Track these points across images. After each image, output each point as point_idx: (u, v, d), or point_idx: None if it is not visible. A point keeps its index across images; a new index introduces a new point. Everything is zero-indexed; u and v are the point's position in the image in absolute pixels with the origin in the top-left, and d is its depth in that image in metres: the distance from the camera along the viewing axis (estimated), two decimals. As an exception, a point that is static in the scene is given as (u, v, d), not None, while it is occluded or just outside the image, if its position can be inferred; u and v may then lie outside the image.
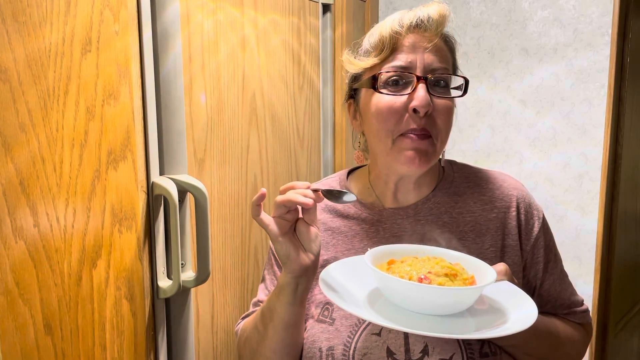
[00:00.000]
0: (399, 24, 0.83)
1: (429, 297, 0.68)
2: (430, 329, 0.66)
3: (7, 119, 0.71)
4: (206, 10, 1.09)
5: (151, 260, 0.95)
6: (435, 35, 0.83)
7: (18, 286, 0.74)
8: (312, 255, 0.79)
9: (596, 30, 1.71)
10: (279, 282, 0.82)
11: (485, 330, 0.67)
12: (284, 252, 0.78)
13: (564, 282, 0.93)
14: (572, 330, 0.91)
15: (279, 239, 0.77)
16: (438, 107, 0.82)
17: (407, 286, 0.68)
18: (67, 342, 0.82)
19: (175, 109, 0.97)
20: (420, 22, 0.83)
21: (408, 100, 0.81)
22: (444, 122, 0.83)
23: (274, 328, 0.84)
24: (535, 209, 0.91)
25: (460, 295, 0.69)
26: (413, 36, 0.83)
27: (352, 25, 1.62)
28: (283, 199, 0.76)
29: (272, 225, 0.77)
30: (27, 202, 0.74)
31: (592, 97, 1.74)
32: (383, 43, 0.83)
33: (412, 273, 0.71)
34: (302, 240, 0.79)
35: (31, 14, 0.73)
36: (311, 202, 0.75)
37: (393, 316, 0.69)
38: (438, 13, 0.83)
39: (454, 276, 0.70)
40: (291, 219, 0.78)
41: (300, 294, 0.81)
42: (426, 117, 0.81)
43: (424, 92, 0.80)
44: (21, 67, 0.72)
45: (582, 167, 1.78)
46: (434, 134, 0.82)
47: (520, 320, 0.68)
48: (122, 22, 0.86)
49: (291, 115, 1.41)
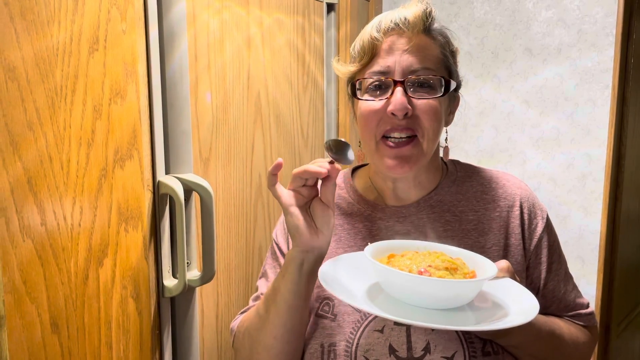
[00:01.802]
0: (376, 29, 0.83)
1: (429, 290, 0.67)
2: (430, 321, 0.65)
3: (15, 117, 0.71)
4: (212, 10, 1.09)
5: (157, 259, 0.95)
6: (415, 36, 0.82)
7: (25, 284, 0.74)
8: (322, 235, 0.78)
9: (600, 31, 1.71)
10: (286, 259, 0.81)
11: (486, 323, 0.67)
12: (294, 224, 0.77)
13: (568, 283, 0.92)
14: (576, 333, 0.90)
15: (290, 209, 0.77)
16: (420, 108, 0.81)
17: (407, 278, 0.68)
18: (74, 340, 0.82)
19: (181, 108, 0.97)
20: (396, 25, 0.83)
21: (386, 105, 0.81)
22: (428, 119, 0.82)
23: (277, 311, 0.82)
24: (539, 209, 0.91)
25: (460, 288, 0.68)
26: (391, 39, 0.83)
27: (356, 25, 1.62)
28: (299, 170, 0.76)
29: (286, 196, 0.77)
30: (34, 201, 0.74)
31: (596, 97, 1.74)
32: (363, 50, 0.84)
33: (412, 266, 0.70)
34: (316, 218, 0.78)
35: (39, 12, 0.73)
36: (324, 171, 0.75)
37: (393, 310, 0.68)
38: (413, 14, 0.82)
39: (455, 270, 0.70)
40: (307, 194, 0.78)
41: (305, 272, 0.79)
42: (408, 118, 0.81)
43: (400, 95, 0.80)
44: (29, 65, 0.72)
45: (585, 167, 1.78)
46: (420, 133, 0.82)
47: (521, 314, 0.67)
48: (129, 21, 0.86)
49: (295, 115, 1.41)
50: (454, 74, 0.87)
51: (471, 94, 1.90)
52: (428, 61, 0.83)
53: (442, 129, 0.87)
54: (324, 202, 0.78)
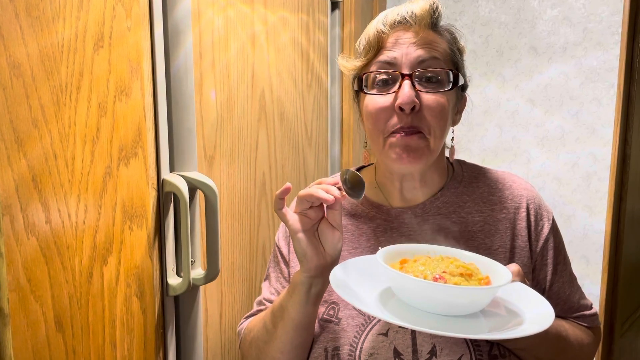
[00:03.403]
0: (382, 23, 0.82)
1: (446, 297, 0.66)
2: (445, 329, 0.64)
3: (20, 114, 0.70)
4: (217, 7, 1.09)
5: (161, 258, 0.95)
6: (422, 30, 0.81)
7: (30, 283, 0.73)
8: (329, 258, 0.77)
9: (606, 30, 1.70)
10: (293, 280, 0.81)
11: (500, 331, 0.66)
12: (301, 250, 0.76)
13: (573, 285, 0.92)
14: (581, 334, 0.90)
15: (297, 235, 0.76)
16: (427, 103, 0.80)
17: (423, 285, 0.66)
18: (78, 339, 0.81)
19: (186, 106, 0.97)
20: (403, 19, 0.82)
21: (394, 99, 0.80)
22: (435, 116, 0.81)
23: (284, 328, 0.82)
24: (545, 211, 0.90)
25: (477, 295, 0.67)
26: (397, 33, 0.82)
27: (360, 22, 1.62)
28: (305, 193, 0.74)
29: (293, 221, 0.76)
30: (39, 198, 0.74)
31: (601, 96, 1.73)
32: (369, 43, 0.83)
33: (427, 272, 0.69)
34: (324, 241, 0.77)
35: (44, 9, 0.73)
36: (332, 199, 0.72)
37: (406, 316, 0.67)
38: (421, 8, 0.81)
39: (469, 276, 0.69)
40: (314, 217, 0.76)
41: (313, 295, 0.79)
42: (414, 114, 0.80)
43: (408, 88, 0.79)
44: (34, 62, 0.72)
45: (590, 166, 1.77)
46: (425, 130, 0.81)
47: (536, 321, 0.66)
48: (134, 18, 0.85)
49: (299, 113, 1.41)
50: (462, 69, 0.87)
51: (475, 92, 1.90)
52: (436, 52, 0.81)
53: (449, 127, 0.86)
54: (332, 223, 0.77)
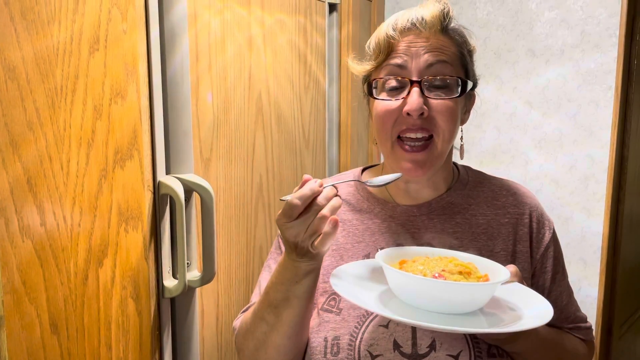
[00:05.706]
0: (392, 28, 0.83)
1: (445, 294, 0.67)
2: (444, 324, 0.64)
3: (15, 117, 0.71)
4: (213, 9, 1.09)
5: (157, 260, 0.95)
6: (432, 36, 0.82)
7: (25, 285, 0.74)
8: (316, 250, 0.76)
9: (604, 32, 1.70)
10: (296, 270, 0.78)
11: (501, 325, 0.67)
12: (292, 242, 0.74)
13: (570, 296, 0.94)
14: (577, 345, 0.92)
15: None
16: (436, 108, 0.81)
17: (423, 283, 0.67)
18: (73, 341, 0.81)
19: (182, 108, 0.97)
20: (413, 25, 0.82)
21: (402, 105, 0.81)
22: (445, 121, 0.82)
23: (292, 312, 0.80)
24: (547, 220, 0.92)
25: (477, 291, 0.68)
26: (408, 39, 0.82)
27: (358, 25, 1.62)
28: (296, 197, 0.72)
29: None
30: (34, 201, 0.74)
31: (598, 98, 1.73)
32: (379, 47, 0.84)
33: (426, 271, 0.70)
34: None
35: (39, 12, 0.73)
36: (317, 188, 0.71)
37: (406, 313, 0.68)
38: (431, 14, 0.82)
39: (468, 274, 0.70)
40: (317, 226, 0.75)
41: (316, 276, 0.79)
42: (424, 118, 0.81)
43: (416, 96, 0.80)
44: (29, 65, 0.72)
45: (588, 169, 1.77)
46: (435, 133, 0.82)
47: (535, 317, 0.67)
48: (130, 21, 0.85)
49: (297, 115, 1.41)
50: (471, 72, 0.87)
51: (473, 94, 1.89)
52: (445, 56, 0.82)
53: (458, 129, 0.87)
54: None
